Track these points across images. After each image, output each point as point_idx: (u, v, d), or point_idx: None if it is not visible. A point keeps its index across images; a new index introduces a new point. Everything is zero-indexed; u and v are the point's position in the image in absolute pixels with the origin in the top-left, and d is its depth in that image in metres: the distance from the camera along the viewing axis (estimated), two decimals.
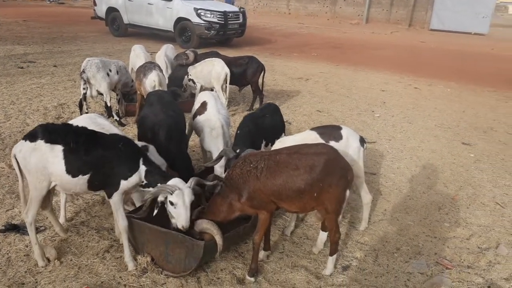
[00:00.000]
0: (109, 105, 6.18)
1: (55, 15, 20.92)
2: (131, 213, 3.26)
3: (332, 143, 3.52)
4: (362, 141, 3.70)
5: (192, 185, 3.01)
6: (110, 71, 6.06)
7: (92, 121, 3.54)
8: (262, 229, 3.03)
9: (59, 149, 2.86)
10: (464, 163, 5.75)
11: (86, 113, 5.65)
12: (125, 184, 3.02)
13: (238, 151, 3.64)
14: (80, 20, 18.96)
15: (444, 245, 3.79)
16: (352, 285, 3.16)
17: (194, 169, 4.32)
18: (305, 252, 3.55)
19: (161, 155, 3.63)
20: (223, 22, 13.64)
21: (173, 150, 3.88)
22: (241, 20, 14.57)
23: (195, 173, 4.06)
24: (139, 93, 5.96)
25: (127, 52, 9.56)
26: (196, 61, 7.23)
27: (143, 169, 3.07)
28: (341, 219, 3.24)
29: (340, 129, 3.69)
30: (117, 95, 6.58)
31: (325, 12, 26.27)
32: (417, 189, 4.88)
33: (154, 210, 2.97)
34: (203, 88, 6.84)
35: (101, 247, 3.38)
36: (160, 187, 2.95)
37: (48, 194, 3.10)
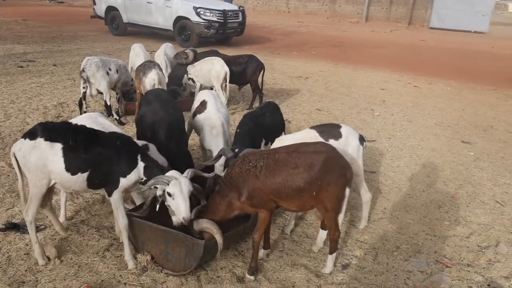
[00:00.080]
0: (108, 104, 6.18)
1: (54, 14, 20.89)
2: (132, 211, 3.26)
3: (331, 141, 3.52)
4: (361, 139, 3.70)
5: (189, 175, 2.98)
6: (109, 70, 6.06)
7: (93, 120, 3.54)
8: (261, 227, 3.04)
9: (58, 147, 2.86)
10: (464, 161, 5.75)
11: (85, 112, 5.65)
12: (124, 181, 3.03)
13: (236, 150, 3.64)
14: (79, 19, 18.93)
15: (444, 243, 3.80)
16: (351, 284, 3.16)
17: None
18: (305, 250, 3.55)
19: (161, 154, 3.63)
20: (222, 20, 13.62)
21: (173, 148, 3.85)
22: (241, 18, 14.55)
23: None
24: (138, 92, 5.96)
25: (126, 51, 9.55)
26: (195, 60, 7.23)
27: (141, 165, 3.06)
28: (343, 217, 3.23)
29: (339, 127, 3.69)
30: (117, 94, 6.58)
31: (324, 10, 26.25)
32: (417, 188, 4.89)
33: (156, 206, 2.96)
34: (202, 87, 6.83)
35: (101, 246, 3.39)
36: (156, 178, 2.93)
37: (47, 192, 3.10)
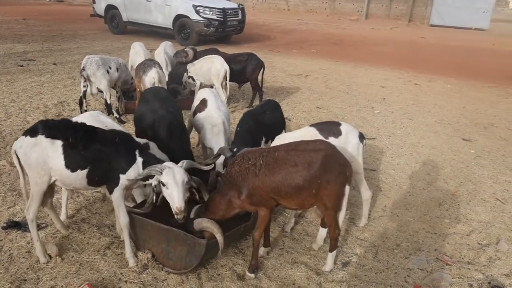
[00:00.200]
0: (109, 102, 6.19)
1: (54, 13, 20.87)
2: (136, 207, 3.26)
3: (331, 139, 3.52)
4: (361, 137, 3.70)
5: (183, 166, 2.95)
6: (110, 68, 6.07)
7: (94, 119, 3.55)
8: (262, 225, 3.04)
9: (58, 144, 2.88)
10: (464, 159, 5.75)
11: (86, 111, 5.65)
12: (124, 178, 3.03)
13: (235, 149, 3.64)
14: (79, 18, 18.91)
15: (444, 241, 3.80)
16: (352, 281, 3.17)
17: None
18: (305, 248, 3.56)
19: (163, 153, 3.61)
20: (222, 19, 13.60)
21: (175, 147, 3.81)
22: (240, 17, 14.52)
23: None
24: (138, 90, 5.96)
25: (126, 49, 9.55)
26: (195, 58, 7.22)
27: (140, 161, 3.06)
28: (343, 215, 3.23)
29: (339, 125, 3.68)
30: (117, 92, 6.58)
31: (324, 8, 26.19)
32: (417, 185, 4.89)
33: (157, 201, 2.97)
34: (202, 85, 6.83)
35: (102, 244, 3.40)
36: (150, 167, 2.91)
37: (48, 190, 3.11)
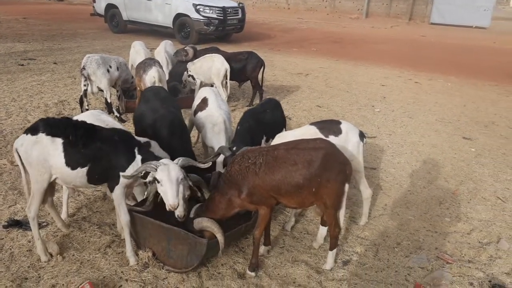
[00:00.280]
0: (109, 101, 6.19)
1: (54, 12, 20.87)
2: (137, 206, 3.27)
3: (331, 137, 3.52)
4: (361, 135, 3.70)
5: (179, 163, 2.93)
6: (110, 67, 6.07)
7: (96, 118, 3.55)
8: (262, 224, 3.04)
9: (59, 142, 2.89)
10: (465, 157, 5.75)
11: (87, 110, 5.66)
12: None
13: (234, 148, 3.64)
14: (79, 17, 18.90)
15: (444, 239, 3.80)
16: (352, 280, 3.17)
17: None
18: (306, 247, 3.56)
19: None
20: (222, 17, 13.58)
21: (176, 146, 3.79)
22: (240, 15, 14.50)
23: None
24: (139, 89, 5.96)
25: (126, 48, 9.55)
26: (195, 57, 7.22)
27: (139, 158, 3.07)
28: (344, 214, 3.23)
29: (339, 123, 3.68)
30: (117, 91, 6.58)
31: (324, 6, 26.14)
32: (418, 184, 4.89)
33: (157, 199, 2.97)
34: (203, 84, 6.83)
35: (102, 242, 3.41)
36: (145, 164, 2.91)
37: (49, 188, 3.12)
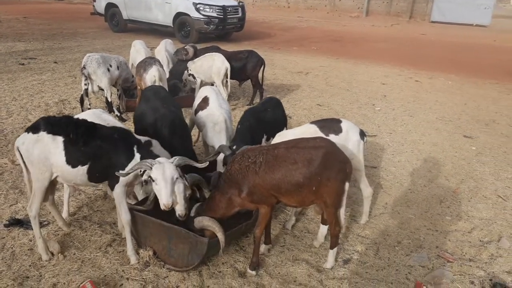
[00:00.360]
0: (109, 100, 6.19)
1: (55, 11, 20.86)
2: (138, 204, 3.27)
3: (331, 136, 3.52)
4: (362, 134, 3.69)
5: (175, 162, 2.92)
6: (110, 66, 6.07)
7: (97, 117, 3.55)
8: (263, 223, 3.05)
9: (60, 140, 2.90)
10: (465, 156, 5.74)
11: (88, 109, 5.65)
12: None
13: (234, 147, 3.63)
14: (79, 16, 18.90)
15: (445, 238, 3.80)
16: (353, 278, 3.18)
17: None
18: (306, 245, 3.57)
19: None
20: (222, 16, 13.57)
21: (177, 145, 3.76)
22: (240, 14, 14.49)
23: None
24: (139, 88, 5.96)
25: (127, 47, 9.55)
26: (195, 56, 7.22)
27: (138, 156, 3.07)
28: (344, 212, 3.22)
29: (339, 122, 3.68)
30: (118, 90, 6.59)
31: (324, 5, 26.11)
32: (418, 183, 4.88)
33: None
34: (203, 83, 6.83)
35: (103, 241, 3.41)
36: (140, 162, 2.90)
37: (50, 186, 3.13)
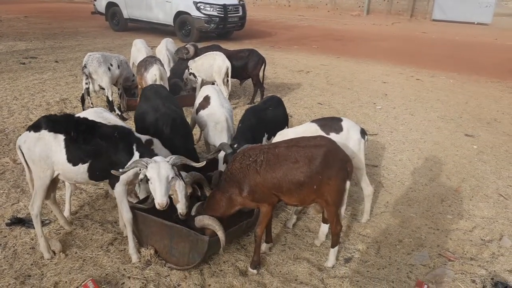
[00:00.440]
0: (110, 99, 6.20)
1: (55, 10, 20.86)
2: (139, 203, 3.27)
3: (332, 135, 3.52)
4: (363, 133, 3.69)
5: (171, 161, 2.91)
6: (111, 65, 6.07)
7: (98, 115, 3.56)
8: (264, 221, 3.05)
9: (61, 138, 2.92)
10: (467, 154, 5.73)
11: (91, 107, 5.66)
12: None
13: (235, 146, 3.63)
14: (80, 15, 18.90)
15: (447, 237, 3.80)
16: (354, 277, 3.18)
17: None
18: (307, 244, 3.57)
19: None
20: (222, 15, 13.56)
21: (178, 145, 3.77)
22: (241, 13, 14.47)
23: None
24: (140, 87, 5.97)
25: (127, 46, 9.56)
26: (196, 55, 7.22)
27: (137, 155, 3.08)
28: (344, 211, 3.23)
29: (340, 121, 3.68)
30: (119, 89, 6.59)
31: (325, 4, 26.07)
32: (420, 181, 4.88)
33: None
34: (204, 82, 6.83)
35: (105, 240, 3.42)
36: (136, 161, 2.90)
37: (51, 184, 3.14)
